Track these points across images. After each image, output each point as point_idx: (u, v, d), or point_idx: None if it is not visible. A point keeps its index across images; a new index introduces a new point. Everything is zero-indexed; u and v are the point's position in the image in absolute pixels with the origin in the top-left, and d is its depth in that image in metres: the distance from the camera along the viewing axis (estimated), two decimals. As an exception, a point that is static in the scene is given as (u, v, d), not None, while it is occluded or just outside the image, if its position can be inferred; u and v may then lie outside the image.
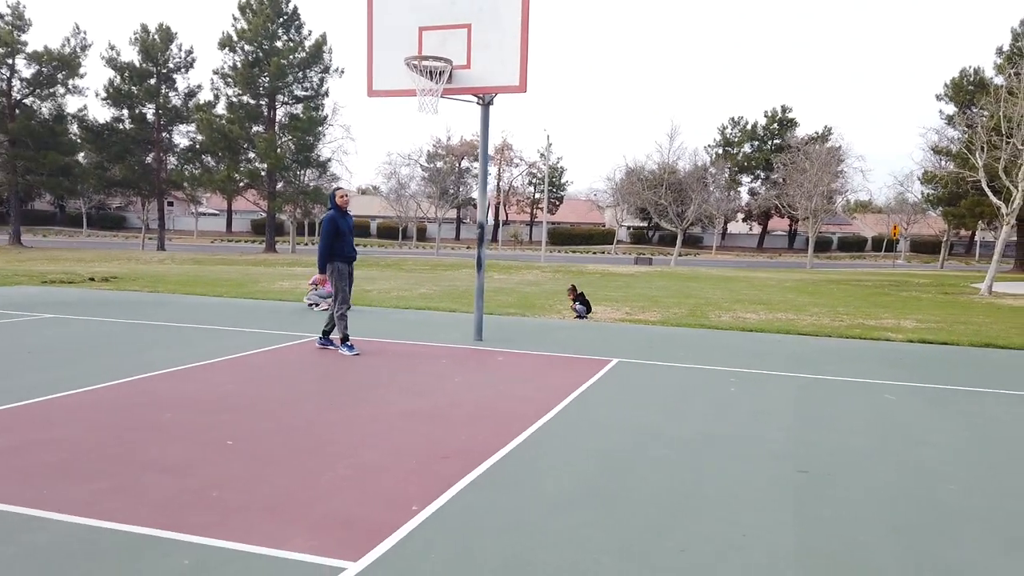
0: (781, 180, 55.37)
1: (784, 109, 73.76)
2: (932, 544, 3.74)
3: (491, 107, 9.65)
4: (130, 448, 4.85)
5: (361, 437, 5.28)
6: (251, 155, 44.54)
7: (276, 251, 46.28)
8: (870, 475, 4.80)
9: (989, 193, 23.42)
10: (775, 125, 73.07)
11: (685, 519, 3.95)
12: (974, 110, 34.92)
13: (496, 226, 73.20)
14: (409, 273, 25.92)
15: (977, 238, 71.81)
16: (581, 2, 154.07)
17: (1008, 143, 22.26)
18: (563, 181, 79.12)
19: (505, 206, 74.99)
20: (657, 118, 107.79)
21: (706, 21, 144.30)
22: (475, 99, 9.61)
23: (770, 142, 71.88)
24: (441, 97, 9.24)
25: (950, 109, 44.43)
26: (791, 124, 72.67)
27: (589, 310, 13.45)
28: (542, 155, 63.02)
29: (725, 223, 74.52)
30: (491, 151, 71.61)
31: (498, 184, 73.94)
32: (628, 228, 79.61)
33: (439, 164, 59.02)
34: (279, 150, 43.20)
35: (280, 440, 5.14)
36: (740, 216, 76.60)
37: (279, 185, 45.34)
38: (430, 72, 8.83)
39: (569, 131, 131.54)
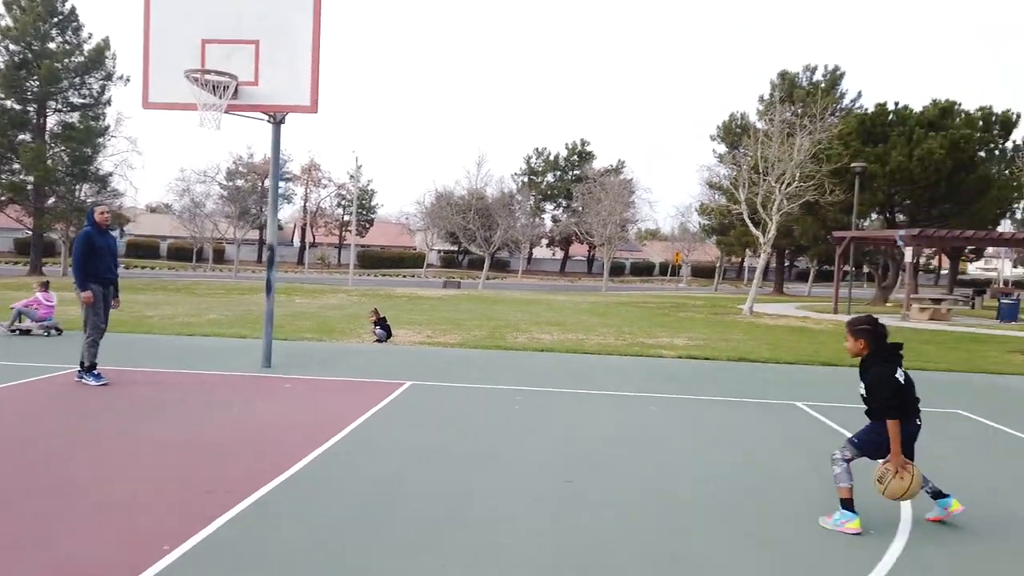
0: (580, 208, 58.87)
1: (583, 142, 78.72)
2: (668, 538, 4.16)
3: (283, 126, 9.42)
4: None
5: (115, 473, 4.87)
6: (15, 166, 39.50)
7: (43, 273, 41.26)
8: (625, 480, 5.24)
9: (750, 224, 26.57)
10: (575, 157, 77.66)
11: (450, 536, 4.07)
12: (740, 150, 39.41)
13: (302, 248, 70.69)
14: (200, 298, 24.28)
15: (746, 264, 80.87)
16: (393, 27, 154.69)
17: (764, 180, 25.42)
18: (373, 204, 78.36)
19: (312, 228, 72.70)
20: (466, 144, 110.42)
21: (511, 53, 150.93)
22: (265, 117, 9.33)
23: (571, 172, 76.21)
24: (226, 113, 8.86)
25: (722, 148, 49.88)
26: (589, 156, 77.62)
27: (390, 334, 13.42)
28: (352, 176, 62.03)
29: (531, 248, 77.67)
30: (298, 171, 69.32)
31: (305, 205, 71.64)
32: (439, 252, 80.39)
33: (239, 182, 56.03)
34: (49, 162, 38.73)
35: (16, 481, 4.60)
36: (544, 242, 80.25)
37: (50, 200, 40.59)
38: (213, 87, 8.43)
39: (380, 154, 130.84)
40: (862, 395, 4.44)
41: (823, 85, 42.32)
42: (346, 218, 73.82)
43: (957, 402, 8.93)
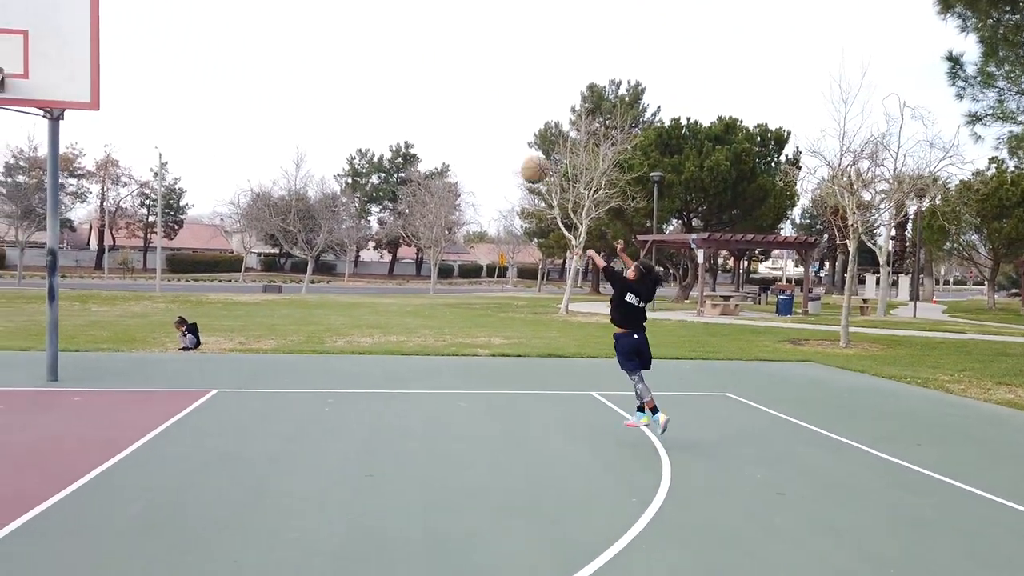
0: (406, 211, 58.84)
1: (407, 144, 78.59)
2: (448, 521, 4.51)
3: (61, 121, 8.76)
4: None
5: None
6: None
7: None
8: (418, 470, 5.55)
9: (562, 228, 28.10)
10: (399, 159, 77.41)
11: (240, 534, 4.15)
12: (554, 157, 41.39)
13: (100, 251, 64.58)
14: (-26, 308, 21.57)
15: (567, 265, 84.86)
16: (202, 14, 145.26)
17: (574, 187, 26.98)
18: (183, 204, 73.17)
19: (111, 229, 66.59)
20: (284, 143, 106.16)
21: (328, 49, 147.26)
22: (40, 112, 8.63)
23: (396, 175, 75.89)
24: (-6, 106, 8.11)
25: (539, 155, 52.01)
26: (414, 159, 77.69)
27: (199, 342, 12.81)
28: (155, 174, 57.57)
29: (357, 251, 76.36)
30: (93, 167, 63.22)
31: (102, 204, 65.47)
32: (258, 255, 76.74)
33: (21, 178, 50.11)
34: None
35: None
36: (371, 244, 79.23)
37: None
38: (-26, 78, 7.69)
39: (190, 151, 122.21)
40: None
41: (627, 99, 45.55)
42: (151, 219, 68.41)
43: (727, 386, 10.15)
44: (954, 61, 14.59)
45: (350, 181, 74.52)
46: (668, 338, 16.80)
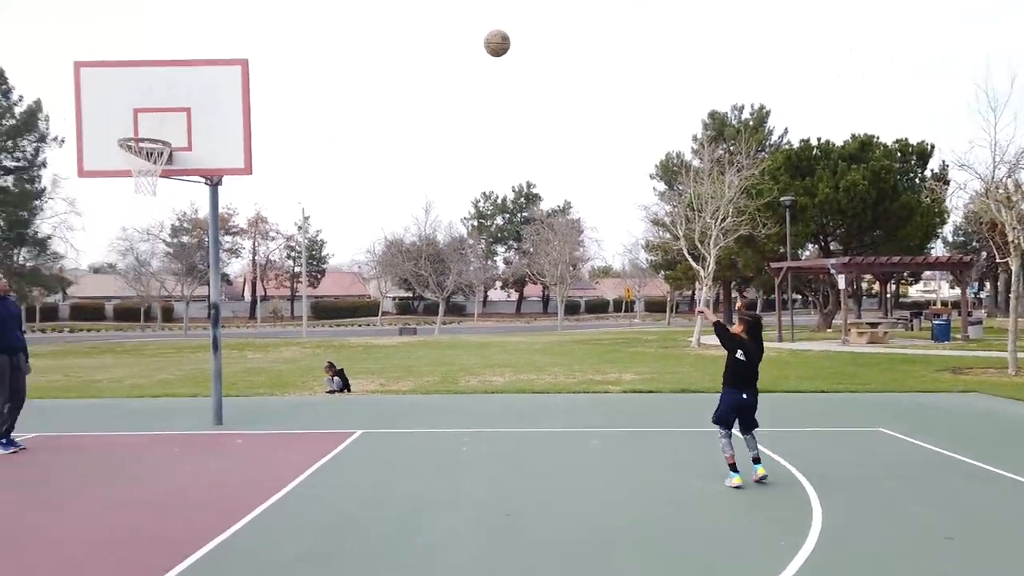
0: (531, 250, 59.71)
1: (529, 184, 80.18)
2: (595, 563, 4.50)
3: (222, 185, 9.70)
4: None
5: (66, 534, 5.01)
6: (-52, 233, 38.56)
7: None
8: (559, 510, 5.58)
9: (689, 259, 27.51)
10: (522, 199, 78.97)
11: (392, 571, 4.34)
12: (677, 187, 40.83)
13: (253, 302, 69.87)
14: (150, 358, 23.94)
15: (696, 297, 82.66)
16: (335, 82, 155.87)
17: (700, 217, 26.44)
18: (324, 254, 78.04)
19: (263, 281, 71.97)
20: (413, 191, 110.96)
21: (450, 100, 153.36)
22: (202, 180, 9.60)
23: (519, 215, 77.39)
24: (162, 178, 9.12)
25: (661, 186, 51.46)
26: (536, 198, 79.03)
27: (347, 386, 13.53)
28: (299, 227, 61.90)
29: (485, 291, 78.17)
30: (244, 224, 68.84)
31: (254, 258, 70.99)
32: (393, 299, 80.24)
33: (184, 239, 55.42)
34: (-16, 227, 37.94)
35: (-34, 553, 4.71)
36: (498, 284, 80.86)
37: (-14, 266, 39.57)
38: (147, 153, 8.70)
39: (329, 204, 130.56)
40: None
41: (751, 123, 44.28)
42: (296, 269, 73.32)
43: (880, 420, 9.49)
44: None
45: (476, 223, 76.74)
46: (811, 370, 15.96)
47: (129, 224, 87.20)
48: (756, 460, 6.31)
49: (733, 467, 6.17)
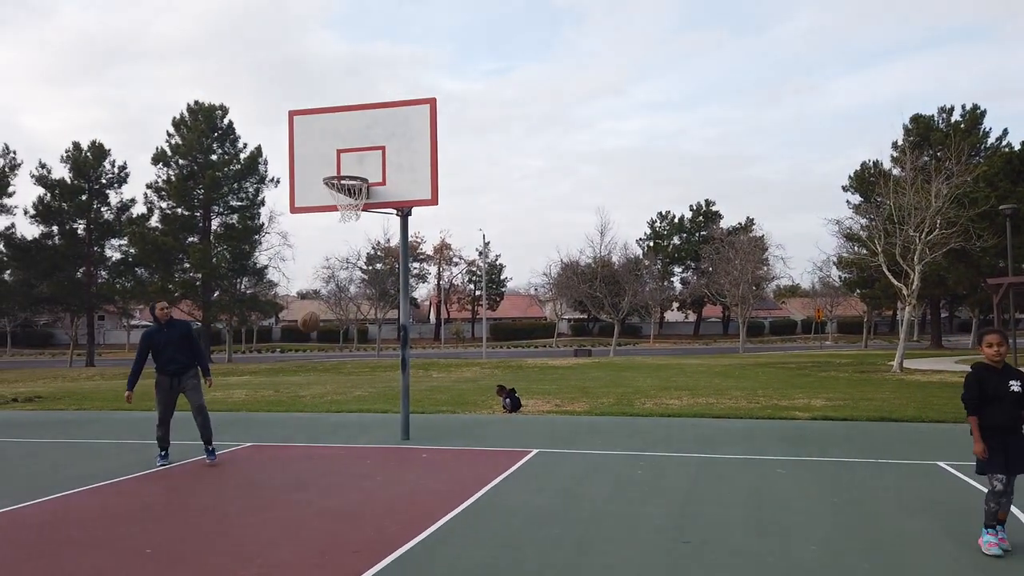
0: (710, 269, 57.81)
1: (708, 203, 77.93)
2: (780, 596, 4.25)
3: (409, 217, 10.39)
4: (54, 560, 5.03)
5: (275, 537, 5.56)
6: (186, 265, 44.47)
7: (212, 360, 45.49)
8: (740, 540, 5.32)
9: (889, 276, 25.25)
10: (700, 218, 76.92)
11: (567, 590, 4.38)
12: (875, 199, 37.74)
13: (437, 324, 73.60)
14: (347, 376, 25.98)
15: (898, 318, 75.58)
16: (507, 110, 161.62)
17: (902, 230, 24.24)
18: (503, 277, 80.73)
19: (447, 304, 75.71)
20: (589, 213, 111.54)
21: (620, 118, 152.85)
22: (394, 211, 10.35)
23: (697, 234, 75.37)
24: (361, 210, 9.95)
25: (856, 199, 47.79)
26: (715, 216, 76.59)
27: (518, 406, 13.89)
28: (480, 253, 64.49)
29: (661, 312, 76.73)
30: (430, 251, 72.96)
31: (438, 283, 74.92)
32: (568, 320, 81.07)
33: (378, 266, 59.76)
34: (214, 259, 43.31)
35: (197, 545, 5.38)
36: (675, 305, 79.04)
37: (215, 294, 45.15)
38: (348, 189, 9.54)
39: (507, 229, 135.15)
40: (1016, 391, 4.86)
41: (962, 125, 40.02)
42: (477, 293, 76.36)
43: None
44: None
45: (652, 244, 75.71)
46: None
47: (331, 254, 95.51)
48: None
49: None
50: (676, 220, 78.09)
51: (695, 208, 77.96)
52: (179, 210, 44.69)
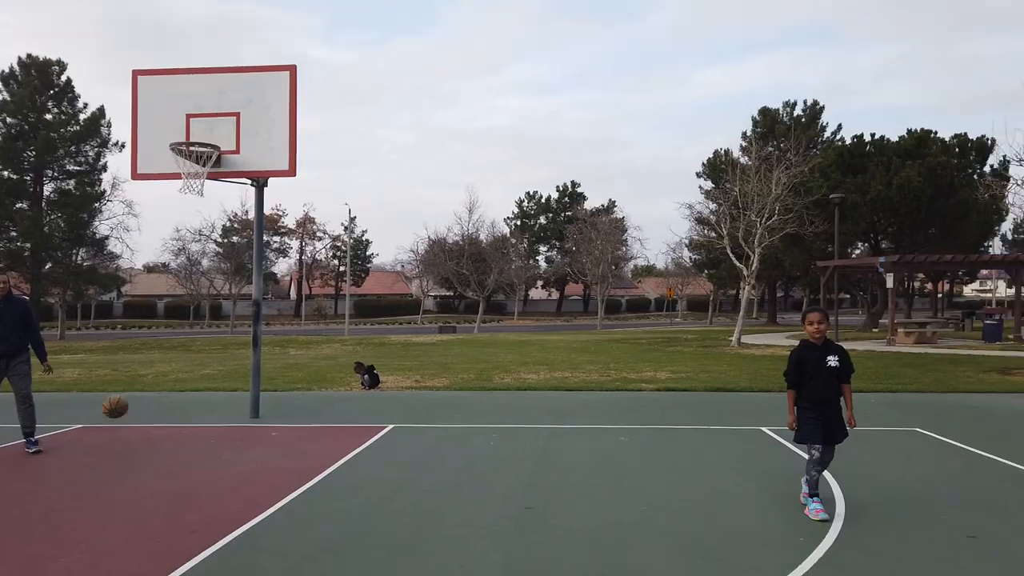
0: (573, 249, 59.55)
1: (574, 184, 80.00)
2: (614, 554, 4.53)
3: (265, 188, 9.96)
4: None
5: (102, 522, 5.24)
6: (12, 233, 40.27)
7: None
8: (580, 504, 5.62)
9: (732, 258, 27.13)
10: (566, 199, 78.83)
11: (410, 560, 4.45)
12: (723, 186, 40.26)
13: (298, 300, 71.23)
14: (196, 354, 24.65)
15: (740, 296, 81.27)
16: (372, 84, 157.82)
17: (745, 215, 26.04)
18: (369, 253, 79.19)
19: (308, 280, 73.32)
20: (457, 191, 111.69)
21: (494, 99, 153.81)
22: (249, 182, 9.88)
23: (563, 214, 77.24)
24: (210, 180, 9.42)
25: (708, 184, 50.74)
26: (580, 198, 78.81)
27: (377, 382, 13.77)
28: (345, 228, 62.89)
29: (526, 290, 78.25)
30: (292, 224, 70.27)
31: (300, 258, 72.39)
32: (435, 298, 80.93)
33: (235, 239, 56.83)
34: (46, 228, 39.52)
35: (12, 534, 4.97)
36: (539, 283, 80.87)
37: (46, 266, 41.24)
38: (197, 156, 9.00)
39: (374, 204, 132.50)
40: (832, 366, 5.24)
41: (803, 119, 43.39)
42: (341, 269, 74.49)
43: (918, 421, 9.28)
44: None
45: (519, 223, 76.86)
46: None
47: (182, 225, 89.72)
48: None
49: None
50: (543, 200, 79.63)
51: (561, 189, 79.81)
52: (6, 173, 40.28)
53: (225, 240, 56.88)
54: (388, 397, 12.28)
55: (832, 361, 5.23)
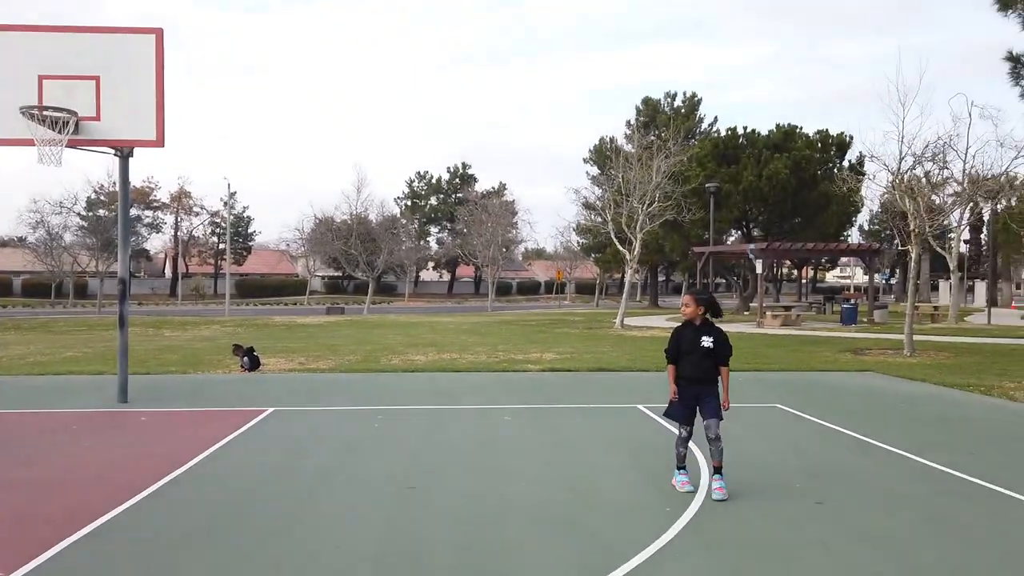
0: (464, 231, 59.60)
1: (465, 165, 79.84)
2: (489, 530, 4.64)
3: (131, 159, 9.37)
4: None
5: (-54, 516, 4.83)
6: None
7: None
8: (461, 482, 5.70)
9: (616, 242, 28.04)
10: (457, 180, 78.58)
11: (284, 543, 4.38)
12: (608, 172, 41.41)
13: (174, 279, 67.52)
14: (58, 335, 22.93)
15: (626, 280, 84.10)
16: (265, 52, 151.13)
17: (627, 201, 26.93)
18: (251, 231, 76.00)
19: (185, 257, 69.57)
20: (344, 168, 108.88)
21: (385, 77, 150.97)
22: (112, 151, 9.25)
23: (454, 195, 77.01)
24: (69, 148, 8.76)
25: (595, 170, 52.02)
26: (471, 179, 78.78)
27: (257, 365, 13.33)
28: (224, 203, 60.00)
29: (417, 271, 77.67)
30: (167, 198, 66.36)
31: (176, 234, 68.54)
32: (322, 278, 78.90)
33: (101, 212, 53.01)
34: None
35: None
36: (431, 265, 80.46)
37: None
38: (52, 122, 8.33)
39: (257, 180, 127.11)
40: (706, 347, 5.34)
41: (683, 110, 45.18)
42: (221, 246, 71.14)
43: (778, 398, 9.98)
44: (1015, 60, 14.11)
45: (409, 203, 76.00)
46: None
47: (41, 196, 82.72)
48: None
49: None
50: (434, 181, 79.03)
51: (452, 170, 79.47)
52: None
53: (90, 213, 53.01)
54: (269, 380, 11.92)
55: (706, 342, 5.34)
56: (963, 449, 6.88)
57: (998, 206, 35.71)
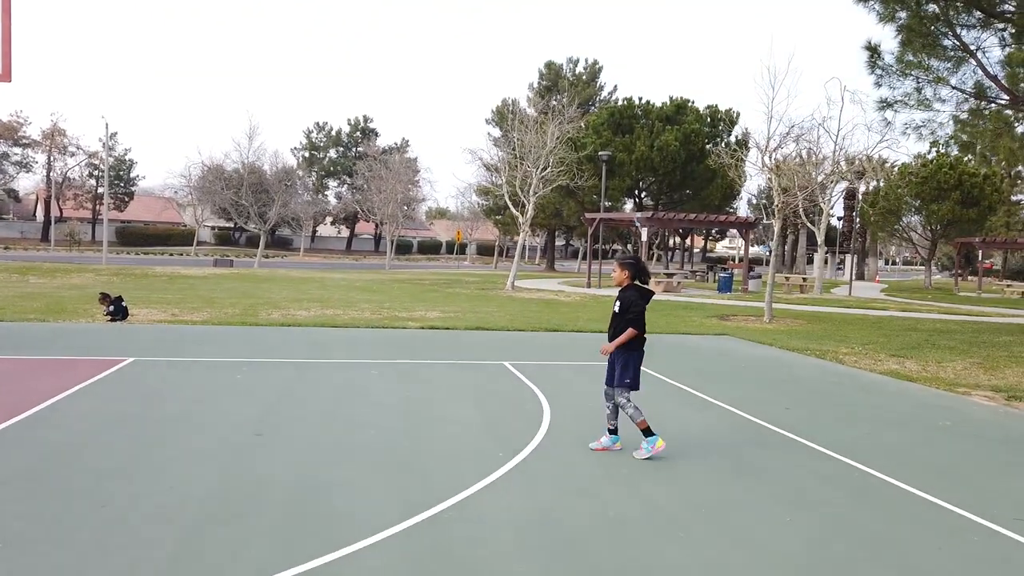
0: (364, 186, 58.42)
1: (366, 119, 77.84)
2: (325, 471, 4.87)
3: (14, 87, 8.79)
4: None
5: None
6: None
7: None
8: (309, 431, 5.89)
9: (510, 205, 28.43)
10: (358, 133, 76.64)
11: (118, 484, 4.46)
12: (511, 135, 41.60)
13: (46, 223, 63.03)
14: (-95, 279, 21.15)
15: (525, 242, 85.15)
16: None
17: (522, 165, 27.27)
18: (133, 175, 71.58)
19: (59, 200, 64.92)
20: (237, 114, 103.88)
21: (283, 20, 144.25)
22: (-45, 81, 8.65)
23: (354, 149, 75.17)
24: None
25: (497, 132, 52.07)
26: (372, 134, 77.03)
27: (125, 315, 12.89)
28: (103, 144, 56.20)
29: (314, 226, 75.71)
30: (39, 136, 61.48)
31: (48, 175, 63.76)
32: (212, 229, 75.67)
33: (-40, 148, 48.62)
34: None
35: None
36: (329, 219, 78.58)
37: None
38: None
39: (142, 122, 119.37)
40: (615, 311, 5.59)
41: (584, 77, 45.75)
42: (100, 190, 66.79)
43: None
44: (872, 50, 15.22)
45: (307, 155, 73.63)
46: (602, 313, 17.32)
47: None
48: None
49: (648, 431, 5.54)
50: (333, 133, 76.75)
51: (353, 123, 77.36)
52: None
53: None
54: (135, 330, 11.59)
55: (615, 306, 5.68)
56: (780, 405, 7.65)
57: (868, 185, 38.45)
